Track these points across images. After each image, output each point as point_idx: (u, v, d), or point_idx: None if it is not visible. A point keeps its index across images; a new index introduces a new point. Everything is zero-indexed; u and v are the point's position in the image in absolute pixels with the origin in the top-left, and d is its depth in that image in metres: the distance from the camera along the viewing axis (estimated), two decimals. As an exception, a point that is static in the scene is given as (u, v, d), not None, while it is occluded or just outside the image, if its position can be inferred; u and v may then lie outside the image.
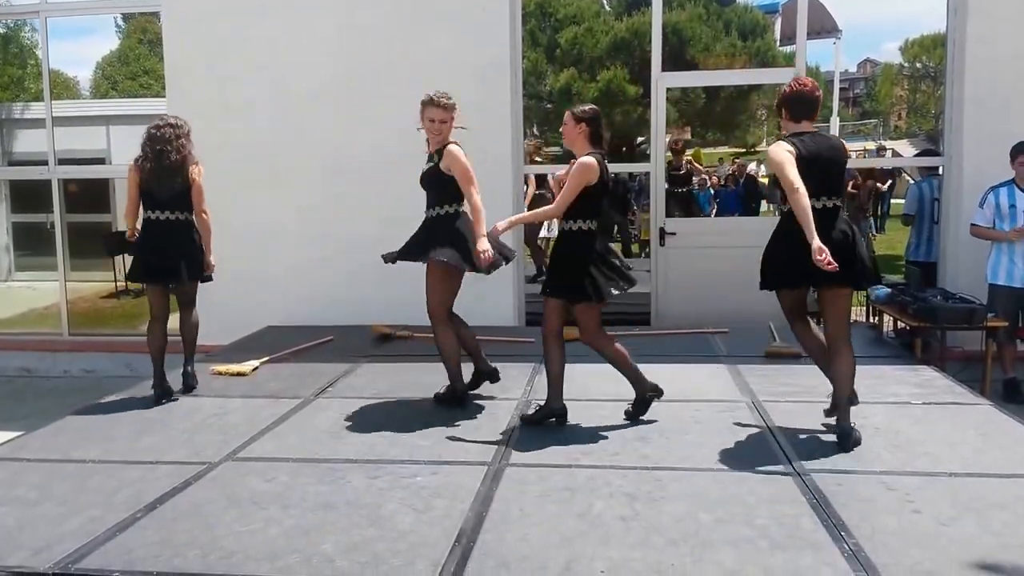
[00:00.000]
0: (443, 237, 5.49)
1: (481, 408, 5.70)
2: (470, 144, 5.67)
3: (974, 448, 4.75)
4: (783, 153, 4.67)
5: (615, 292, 5.15)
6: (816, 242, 4.42)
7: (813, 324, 5.24)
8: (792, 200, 4.57)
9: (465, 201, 5.55)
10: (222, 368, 6.66)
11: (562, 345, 5.31)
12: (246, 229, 8.31)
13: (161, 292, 6.06)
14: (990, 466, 4.48)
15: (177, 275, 5.93)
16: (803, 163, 4.64)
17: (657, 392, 5.39)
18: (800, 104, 4.89)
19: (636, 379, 5.37)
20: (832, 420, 5.00)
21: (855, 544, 3.55)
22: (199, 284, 6.14)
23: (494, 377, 5.96)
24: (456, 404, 5.70)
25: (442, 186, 5.55)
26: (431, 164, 5.59)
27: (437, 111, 5.54)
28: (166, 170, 5.86)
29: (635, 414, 5.36)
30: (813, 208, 4.55)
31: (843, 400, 4.88)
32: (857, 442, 4.76)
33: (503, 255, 5.59)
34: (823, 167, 4.73)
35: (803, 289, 5.06)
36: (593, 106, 5.26)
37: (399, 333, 7.71)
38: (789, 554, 3.49)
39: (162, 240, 5.93)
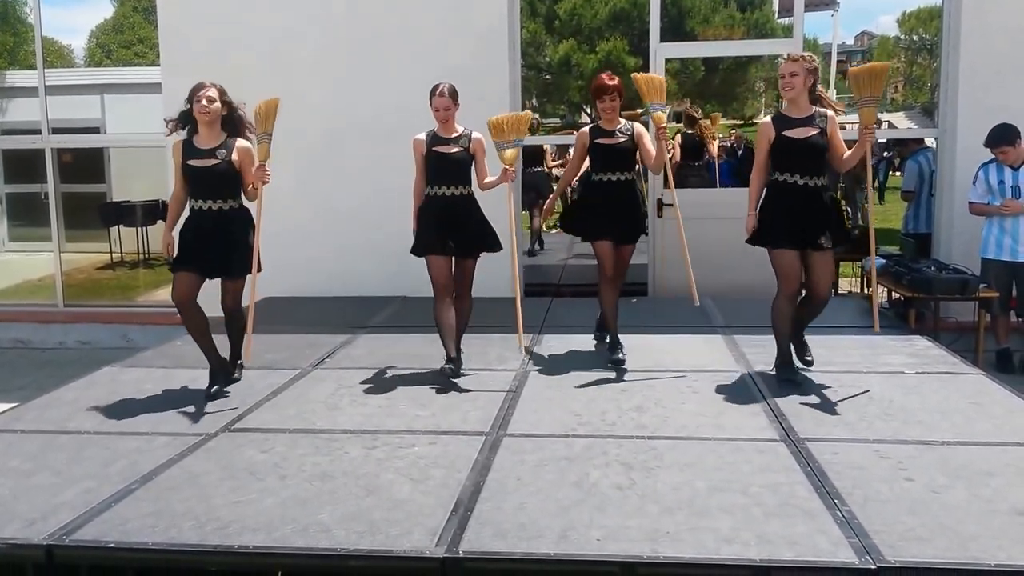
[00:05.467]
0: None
1: (479, 379, 5.71)
2: (468, 114, 5.67)
3: (966, 417, 4.78)
4: None
5: None
6: None
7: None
8: None
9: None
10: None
11: None
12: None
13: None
14: (982, 435, 4.51)
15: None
16: None
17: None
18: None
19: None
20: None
21: (848, 512, 3.58)
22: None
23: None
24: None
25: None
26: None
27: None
28: None
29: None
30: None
31: None
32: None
33: None
34: None
35: None
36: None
37: None
38: (783, 521, 3.51)
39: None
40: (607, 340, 6.22)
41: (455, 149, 5.73)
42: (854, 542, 3.32)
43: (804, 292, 5.63)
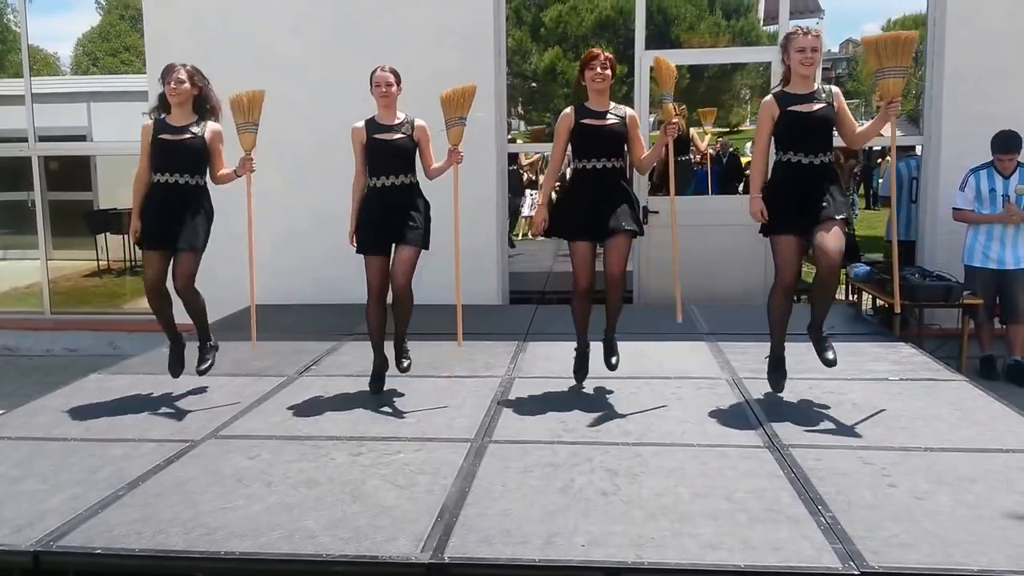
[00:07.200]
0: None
1: (465, 385, 5.72)
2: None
3: (950, 423, 4.81)
4: None
5: None
6: None
7: None
8: None
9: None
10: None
11: None
12: (227, 204, 8.30)
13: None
14: (965, 441, 4.54)
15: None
16: None
17: None
18: None
19: None
20: None
21: (832, 517, 3.60)
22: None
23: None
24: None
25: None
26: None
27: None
28: None
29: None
30: None
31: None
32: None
33: None
34: None
35: None
36: None
37: None
38: (767, 527, 3.53)
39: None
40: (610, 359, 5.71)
41: (397, 136, 5.47)
42: (837, 548, 3.34)
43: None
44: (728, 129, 27.93)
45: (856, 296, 9.00)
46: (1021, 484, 3.95)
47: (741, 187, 14.41)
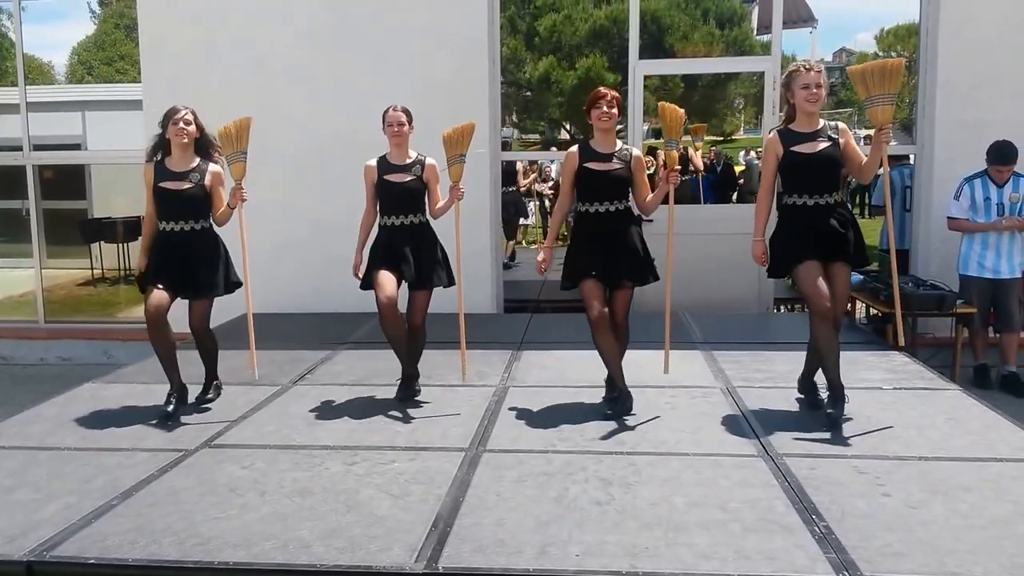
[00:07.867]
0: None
1: (459, 394, 5.72)
2: (448, 128, 5.66)
3: (943, 433, 4.82)
4: None
5: None
6: None
7: None
8: None
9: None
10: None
11: None
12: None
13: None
14: (959, 450, 4.55)
15: None
16: None
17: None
18: None
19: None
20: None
21: (826, 527, 3.61)
22: None
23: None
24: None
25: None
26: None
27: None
28: None
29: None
30: None
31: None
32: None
33: None
34: None
35: None
36: None
37: None
38: (761, 537, 3.53)
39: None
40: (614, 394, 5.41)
41: (408, 178, 5.54)
42: (832, 557, 3.34)
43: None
44: (722, 138, 27.97)
45: (849, 305, 9.01)
46: (1015, 493, 3.96)
47: (735, 196, 14.43)
